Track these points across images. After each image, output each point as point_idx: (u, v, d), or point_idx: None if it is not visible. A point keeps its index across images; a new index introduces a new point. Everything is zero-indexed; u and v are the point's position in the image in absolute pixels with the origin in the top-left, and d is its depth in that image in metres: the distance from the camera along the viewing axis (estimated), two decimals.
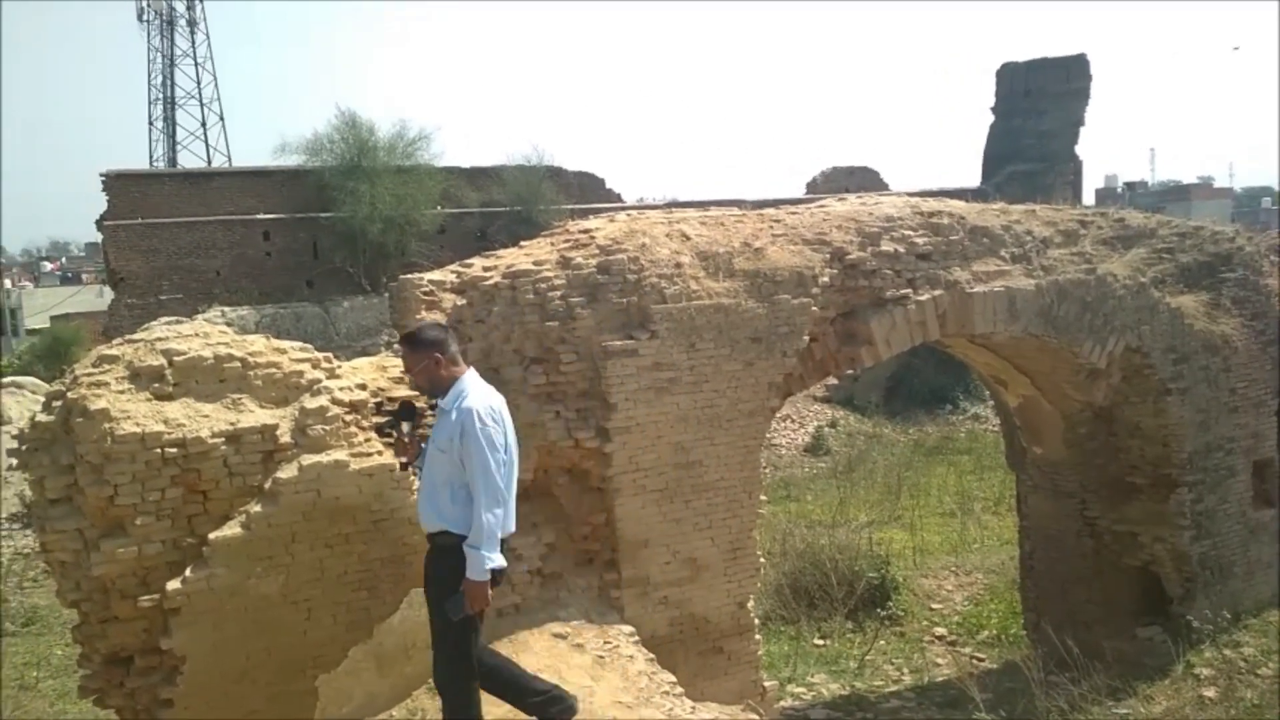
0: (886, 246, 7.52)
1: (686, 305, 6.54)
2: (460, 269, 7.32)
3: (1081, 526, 9.32)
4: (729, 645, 6.82)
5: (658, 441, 6.48)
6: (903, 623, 11.18)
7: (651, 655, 6.11)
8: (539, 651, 5.87)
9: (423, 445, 5.11)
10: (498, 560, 4.79)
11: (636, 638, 6.22)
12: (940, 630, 11.08)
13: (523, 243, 7.44)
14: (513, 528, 4.99)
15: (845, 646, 10.55)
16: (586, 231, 6.98)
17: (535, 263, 6.74)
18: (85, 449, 5.21)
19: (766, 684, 7.09)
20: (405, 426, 5.11)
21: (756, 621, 7.08)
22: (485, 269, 6.99)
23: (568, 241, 6.97)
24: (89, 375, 5.45)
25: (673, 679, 5.93)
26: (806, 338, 7.01)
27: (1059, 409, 9.06)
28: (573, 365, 6.44)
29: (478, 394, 4.93)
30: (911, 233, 7.70)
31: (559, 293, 6.50)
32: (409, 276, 7.35)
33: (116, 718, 5.65)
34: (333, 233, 28.08)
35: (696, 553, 6.63)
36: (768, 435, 7.54)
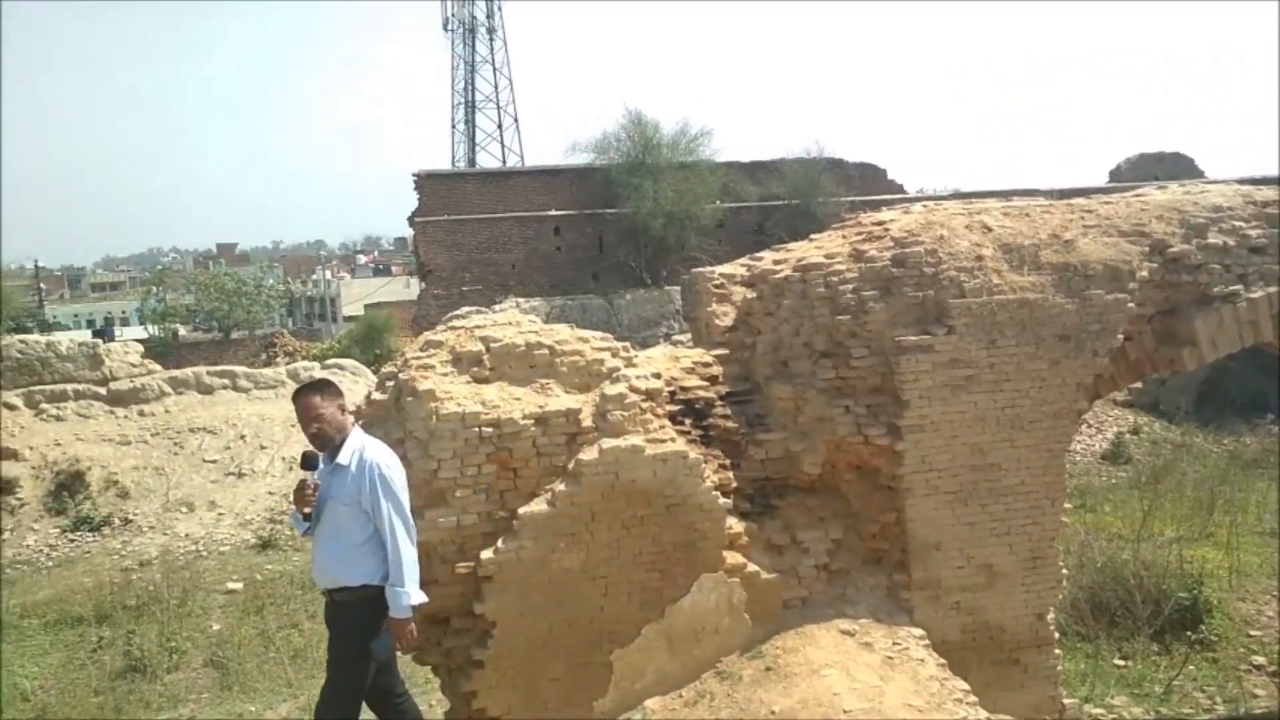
0: (1214, 239, 6.89)
1: (987, 300, 6.28)
2: (750, 262, 7.40)
3: None
4: (1025, 657, 6.50)
5: (953, 441, 6.26)
6: (1216, 648, 10.24)
7: (943, 660, 5.93)
8: (826, 647, 5.85)
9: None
10: (421, 595, 5.02)
11: (927, 641, 6.05)
12: (1259, 659, 10.08)
13: (813, 236, 7.41)
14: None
15: (1149, 669, 9.80)
16: (880, 223, 6.85)
17: (826, 256, 6.69)
18: (414, 425, 5.70)
19: (1066, 701, 6.72)
20: (309, 477, 5.10)
21: (1056, 635, 6.71)
22: (775, 262, 7.03)
23: (860, 234, 6.87)
24: (417, 359, 5.95)
25: (965, 686, 5.73)
26: (1120, 336, 6.55)
27: None
28: (864, 360, 6.34)
29: (373, 446, 5.10)
30: (1243, 224, 7.01)
31: (851, 286, 6.42)
32: (701, 270, 7.52)
33: (432, 674, 6.16)
34: (617, 228, 29.18)
35: (993, 559, 6.36)
36: None
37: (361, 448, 5.07)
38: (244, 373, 21.59)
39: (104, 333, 48.78)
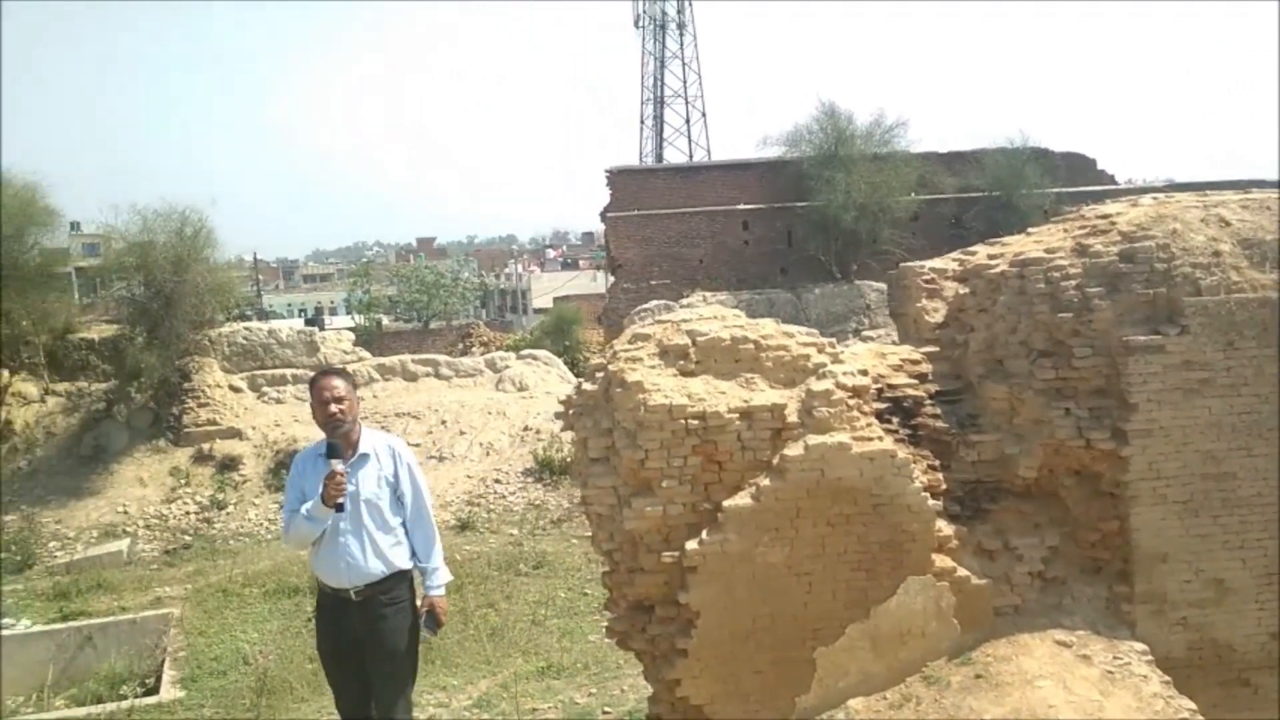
0: None
1: (1225, 298, 5.88)
2: (963, 257, 7.19)
3: None
4: (1256, 679, 6.07)
5: (1183, 448, 5.90)
6: None
7: (1167, 678, 5.61)
8: (1040, 657, 5.63)
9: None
10: (449, 574, 5.24)
11: (1150, 657, 5.73)
12: None
13: (1030, 229, 7.15)
14: None
15: None
16: (1105, 217, 6.52)
17: (1047, 250, 6.42)
18: (622, 416, 5.83)
19: None
20: (338, 464, 4.95)
21: None
22: (990, 257, 6.80)
23: (1083, 228, 6.56)
24: (626, 351, 6.08)
25: (1192, 706, 5.40)
26: None
27: None
28: (1087, 360, 6.05)
29: (391, 436, 5.29)
30: None
31: (1074, 282, 6.13)
32: (910, 264, 7.37)
33: (636, 660, 6.29)
34: (807, 221, 28.87)
35: (1224, 574, 5.96)
36: None
37: (381, 435, 5.34)
38: (445, 361, 22.59)
39: (315, 321, 51.95)
